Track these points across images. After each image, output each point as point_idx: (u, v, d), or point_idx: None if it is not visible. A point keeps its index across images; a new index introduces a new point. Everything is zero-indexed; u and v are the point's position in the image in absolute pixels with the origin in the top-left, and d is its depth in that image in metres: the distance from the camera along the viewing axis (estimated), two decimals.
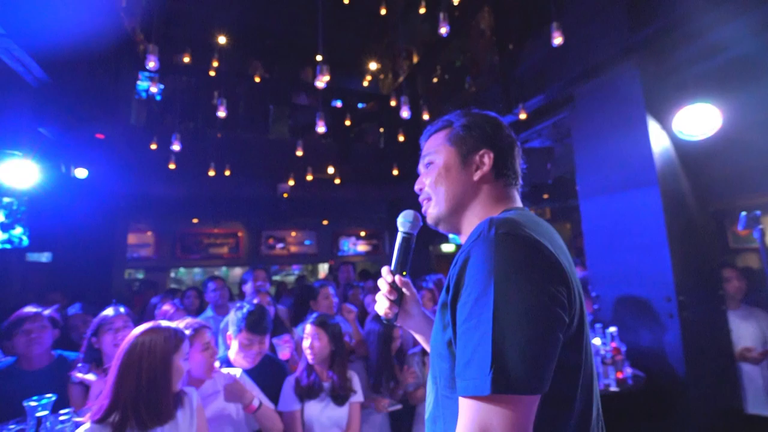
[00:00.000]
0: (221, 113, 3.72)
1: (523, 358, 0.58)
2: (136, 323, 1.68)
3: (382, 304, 0.95)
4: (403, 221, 0.97)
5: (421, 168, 0.97)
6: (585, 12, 3.73)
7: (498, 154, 0.88)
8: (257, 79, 6.16)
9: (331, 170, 6.52)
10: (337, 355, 2.19)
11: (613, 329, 2.82)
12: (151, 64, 2.38)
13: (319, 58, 3.08)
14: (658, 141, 3.21)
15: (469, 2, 5.72)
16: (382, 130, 8.10)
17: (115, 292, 5.22)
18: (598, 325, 2.91)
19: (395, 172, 6.54)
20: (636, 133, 3.29)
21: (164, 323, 1.52)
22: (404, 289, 0.97)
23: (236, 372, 1.85)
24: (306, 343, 2.15)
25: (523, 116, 4.10)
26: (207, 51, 5.26)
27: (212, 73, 5.08)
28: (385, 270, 0.97)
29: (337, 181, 6.51)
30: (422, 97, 7.17)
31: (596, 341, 2.77)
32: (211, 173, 5.15)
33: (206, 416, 1.68)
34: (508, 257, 0.64)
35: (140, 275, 9.48)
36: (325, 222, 10.32)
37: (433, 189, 0.91)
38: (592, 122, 3.79)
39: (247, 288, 3.57)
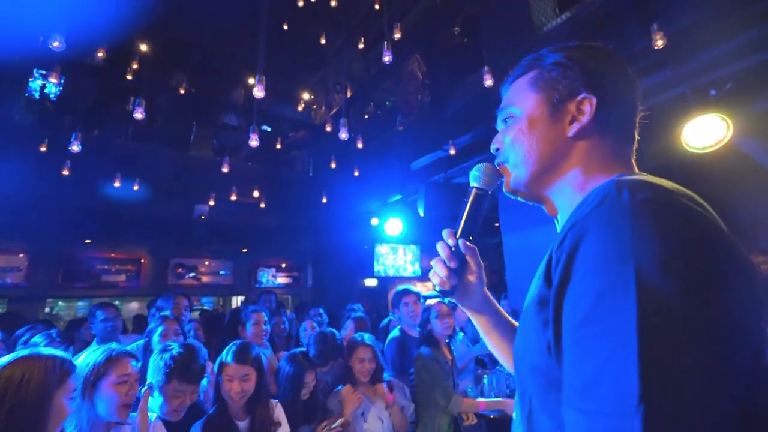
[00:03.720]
0: (138, 115, 3.31)
1: (691, 394, 0.37)
2: None
3: (439, 273, 0.77)
4: (477, 174, 0.78)
5: (499, 124, 0.77)
6: (505, 62, 4.17)
7: (604, 99, 0.64)
8: (182, 91, 5.74)
9: (256, 194, 6.19)
10: (259, 389, 1.92)
11: None
12: (56, 44, 2.03)
13: (252, 81, 2.95)
14: None
15: (402, 48, 6.10)
16: (312, 161, 8.03)
17: None
18: None
19: (324, 200, 6.42)
20: None
21: (45, 350, 1.20)
22: (468, 257, 0.78)
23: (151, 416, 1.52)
24: (228, 387, 1.82)
25: (452, 152, 4.35)
26: (125, 53, 4.76)
27: (129, 77, 4.59)
28: (446, 232, 0.79)
29: (262, 205, 6.19)
30: (354, 130, 7.32)
31: None
32: (117, 184, 4.50)
33: None
34: (658, 234, 0.43)
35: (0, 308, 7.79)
36: (244, 250, 9.66)
37: (511, 151, 0.70)
38: None
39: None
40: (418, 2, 6.38)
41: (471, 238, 0.78)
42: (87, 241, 7.74)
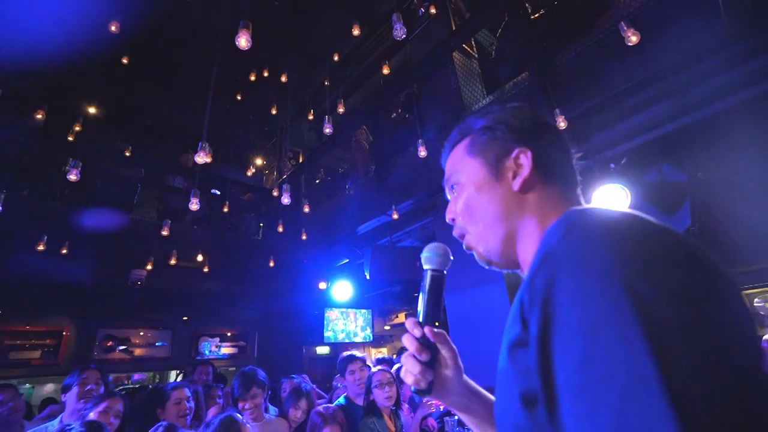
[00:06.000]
0: (73, 176, 3.23)
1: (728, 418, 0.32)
2: None
3: (411, 370, 0.68)
4: (429, 256, 0.74)
5: (448, 194, 0.77)
6: (440, 136, 4.62)
7: (538, 150, 0.65)
8: (127, 153, 5.68)
9: (200, 258, 5.99)
10: None
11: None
12: None
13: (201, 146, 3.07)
14: None
15: (351, 121, 6.58)
16: (261, 225, 8.00)
17: None
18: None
19: (271, 264, 6.32)
20: None
21: None
22: (439, 345, 0.71)
23: None
24: None
25: (395, 216, 4.58)
26: (67, 115, 4.69)
27: (70, 138, 4.49)
28: (410, 322, 0.71)
29: (206, 269, 5.97)
30: (304, 195, 7.50)
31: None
32: (41, 248, 4.19)
33: None
34: (638, 253, 0.40)
35: None
36: (185, 318, 9.01)
37: (467, 220, 0.69)
38: (451, 227, 4.43)
39: (70, 397, 2.69)
40: (365, 81, 7.04)
41: (437, 323, 0.71)
42: None
